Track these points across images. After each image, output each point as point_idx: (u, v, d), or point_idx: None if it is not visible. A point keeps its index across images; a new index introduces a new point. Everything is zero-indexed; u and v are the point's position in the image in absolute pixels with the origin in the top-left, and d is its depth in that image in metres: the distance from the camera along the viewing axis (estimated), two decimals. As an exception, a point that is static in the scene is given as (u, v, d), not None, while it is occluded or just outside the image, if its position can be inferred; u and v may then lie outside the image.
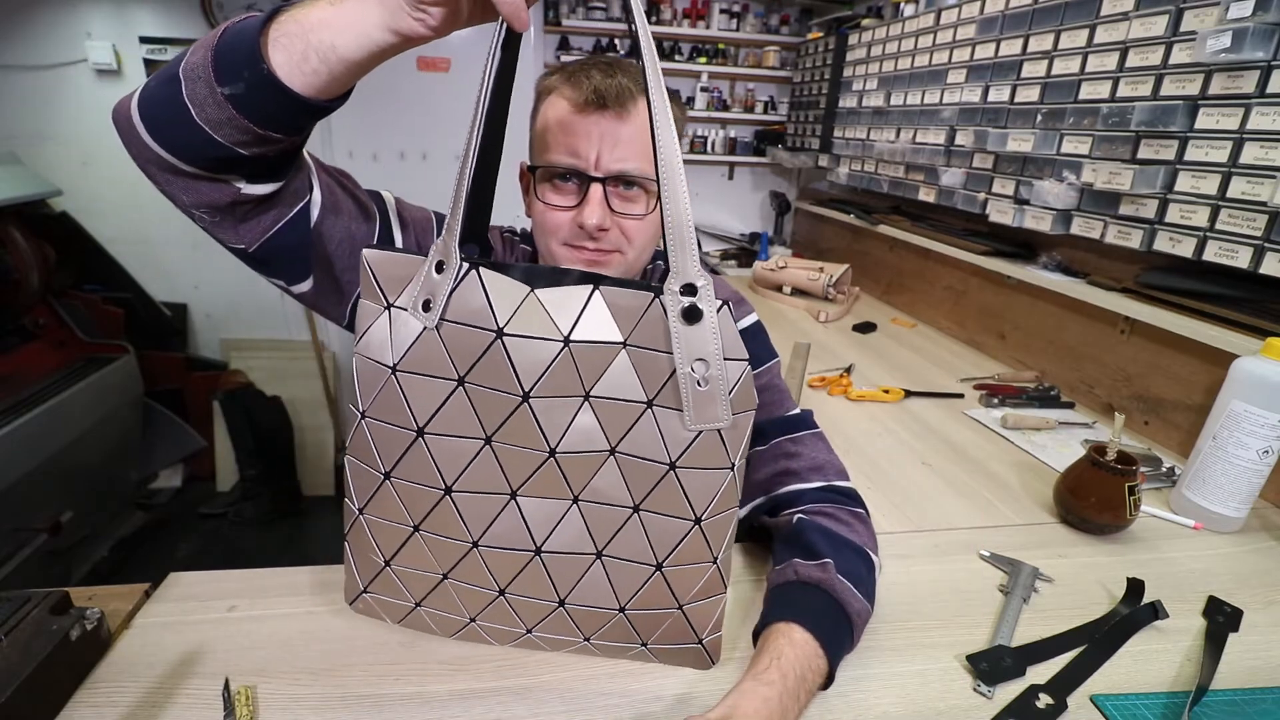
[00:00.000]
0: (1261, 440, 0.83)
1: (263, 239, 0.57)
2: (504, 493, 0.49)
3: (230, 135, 0.46)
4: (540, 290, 0.44)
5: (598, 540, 0.50)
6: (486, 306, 0.43)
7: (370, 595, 0.59)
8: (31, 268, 2.00)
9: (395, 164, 2.62)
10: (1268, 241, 0.94)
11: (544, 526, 0.50)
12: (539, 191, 0.69)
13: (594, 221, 0.65)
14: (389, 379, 0.47)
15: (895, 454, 1.10)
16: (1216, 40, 0.95)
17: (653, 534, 0.49)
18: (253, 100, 0.45)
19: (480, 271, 0.43)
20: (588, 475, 0.48)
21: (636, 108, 0.66)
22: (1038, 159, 1.36)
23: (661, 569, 0.50)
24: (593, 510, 0.49)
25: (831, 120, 2.29)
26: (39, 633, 0.54)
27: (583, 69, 0.66)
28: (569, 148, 0.66)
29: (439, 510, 0.50)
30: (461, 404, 0.46)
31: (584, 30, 2.53)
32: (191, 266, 2.62)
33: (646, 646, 0.55)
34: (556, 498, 0.49)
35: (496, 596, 0.53)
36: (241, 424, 2.48)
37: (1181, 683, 0.62)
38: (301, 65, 0.45)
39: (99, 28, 2.31)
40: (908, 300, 2.01)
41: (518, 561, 0.51)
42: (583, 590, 0.52)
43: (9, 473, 1.70)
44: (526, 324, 0.44)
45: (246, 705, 0.54)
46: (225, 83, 0.44)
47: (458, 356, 0.45)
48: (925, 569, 0.78)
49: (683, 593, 0.52)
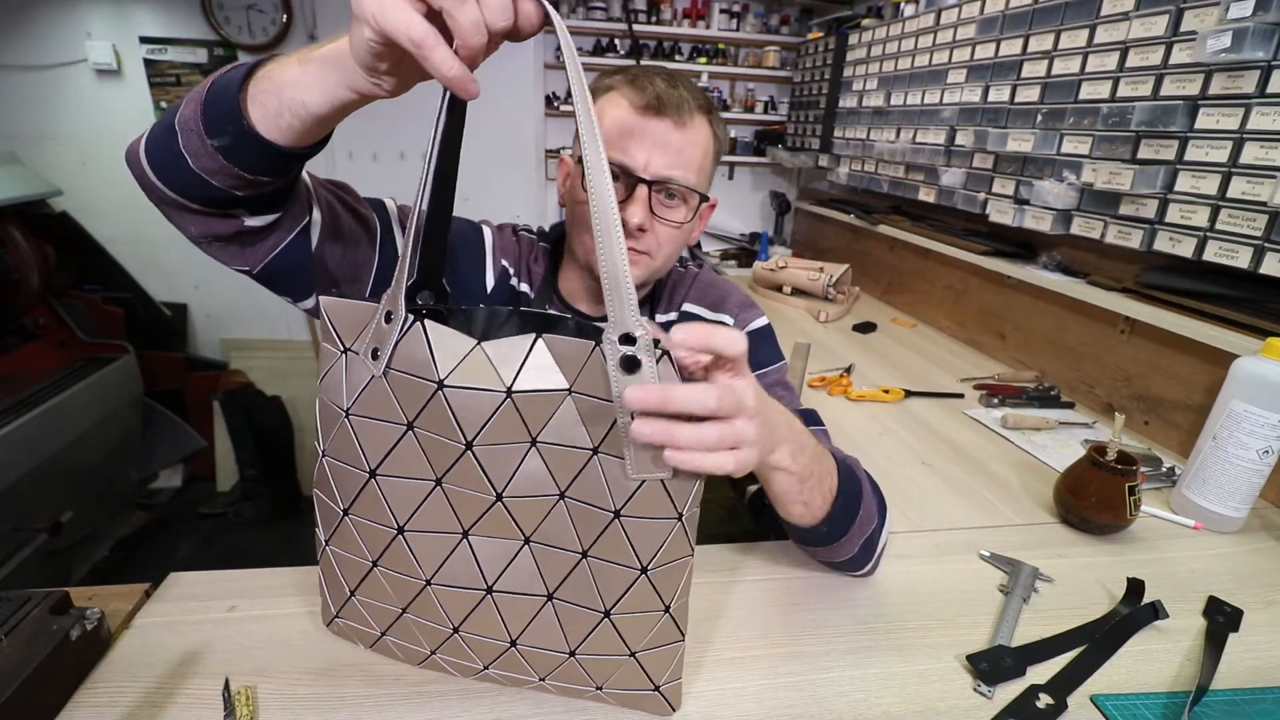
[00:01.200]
0: (1261, 440, 0.83)
1: (264, 261, 0.61)
2: (455, 532, 0.49)
3: (225, 181, 0.50)
4: (486, 344, 0.44)
5: (549, 582, 0.49)
6: (429, 359, 0.44)
7: (341, 620, 0.59)
8: (31, 268, 2.00)
9: (395, 164, 2.62)
10: (1268, 241, 0.94)
11: (495, 566, 0.49)
12: (584, 184, 0.71)
13: (635, 221, 0.68)
14: (343, 421, 0.48)
15: (895, 454, 1.10)
16: (1216, 40, 0.95)
17: (600, 581, 0.48)
18: (240, 150, 0.49)
19: (425, 324, 0.44)
20: (538, 518, 0.48)
21: (693, 121, 0.69)
22: (1038, 159, 1.36)
23: (610, 616, 0.49)
24: (543, 552, 0.49)
25: (831, 120, 2.29)
26: (39, 633, 0.54)
27: (646, 74, 0.70)
28: (622, 147, 0.68)
29: (393, 548, 0.51)
30: (411, 447, 0.47)
31: (584, 30, 2.53)
32: (191, 266, 2.63)
33: (601, 690, 0.53)
34: (507, 538, 0.49)
35: (451, 634, 0.53)
36: (241, 424, 2.48)
37: (1181, 683, 0.62)
38: (277, 120, 0.48)
39: (99, 28, 2.31)
40: (908, 300, 2.01)
41: (470, 600, 0.51)
42: (534, 632, 0.51)
43: (9, 473, 1.70)
44: (469, 376, 0.44)
45: (246, 705, 0.54)
46: (214, 136, 0.48)
47: (405, 403, 0.46)
48: (925, 569, 0.78)
49: (634, 641, 0.50)
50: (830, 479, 0.60)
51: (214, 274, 2.64)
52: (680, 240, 0.75)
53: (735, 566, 0.76)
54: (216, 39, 2.37)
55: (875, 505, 0.67)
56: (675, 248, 0.76)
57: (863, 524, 0.65)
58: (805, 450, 0.56)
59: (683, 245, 0.78)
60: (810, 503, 0.59)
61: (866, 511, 0.65)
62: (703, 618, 0.67)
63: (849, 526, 0.64)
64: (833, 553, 0.67)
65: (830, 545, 0.65)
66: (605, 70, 0.74)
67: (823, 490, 0.59)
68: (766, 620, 0.67)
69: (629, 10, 2.52)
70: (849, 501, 0.63)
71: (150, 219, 2.57)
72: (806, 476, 0.57)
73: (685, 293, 0.86)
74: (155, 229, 2.53)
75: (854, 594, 0.72)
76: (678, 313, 0.85)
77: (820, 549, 0.67)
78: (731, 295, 0.86)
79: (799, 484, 0.57)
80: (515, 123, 2.66)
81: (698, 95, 0.71)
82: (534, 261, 0.84)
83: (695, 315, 0.84)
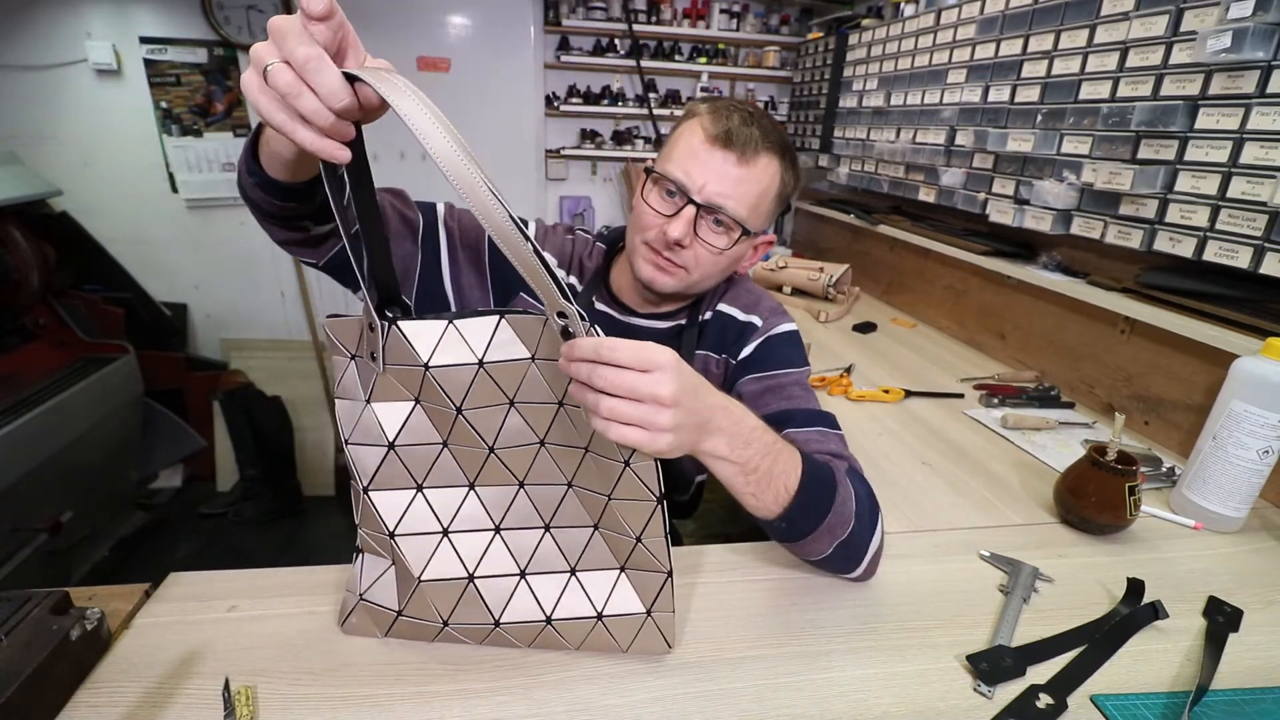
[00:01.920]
0: (1261, 440, 0.83)
1: (326, 258, 0.72)
2: (464, 485, 0.59)
3: (272, 205, 0.63)
4: (458, 320, 0.53)
5: (544, 515, 0.60)
6: (410, 350, 0.54)
7: (366, 602, 0.62)
8: (31, 268, 2.00)
9: (395, 163, 2.62)
10: (1268, 241, 0.94)
11: (499, 508, 0.60)
12: (646, 191, 0.79)
13: (675, 235, 0.75)
14: (364, 409, 0.57)
15: (895, 454, 1.10)
16: (1216, 40, 0.95)
17: (586, 504, 0.59)
18: (268, 186, 0.61)
19: (398, 325, 0.54)
20: (526, 463, 0.58)
21: (757, 159, 0.75)
22: (1038, 159, 1.36)
23: (598, 529, 0.60)
24: (536, 490, 0.59)
25: (831, 120, 2.29)
26: (39, 633, 0.54)
27: (729, 108, 0.76)
28: (685, 169, 0.75)
29: (414, 507, 0.59)
30: (420, 418, 0.57)
31: (584, 30, 2.53)
32: (191, 266, 2.63)
33: (602, 619, 0.60)
34: (505, 484, 0.59)
35: (467, 583, 0.60)
36: (241, 424, 2.48)
37: (1181, 683, 0.62)
38: (272, 164, 0.58)
39: (99, 28, 2.31)
40: (908, 300, 2.01)
41: (482, 541, 0.60)
42: (539, 559, 0.61)
43: (9, 473, 1.70)
44: (448, 354, 0.54)
45: (246, 705, 0.54)
46: (253, 175, 0.61)
47: (406, 386, 0.56)
48: (925, 569, 0.78)
49: (620, 554, 0.60)
50: (787, 478, 0.63)
51: (214, 274, 2.65)
52: (722, 265, 0.80)
53: (735, 566, 0.76)
54: (216, 39, 2.36)
55: (854, 511, 0.67)
56: (716, 270, 0.81)
57: (833, 527, 0.65)
58: (751, 445, 0.60)
59: (726, 270, 0.83)
60: (760, 496, 0.62)
61: (839, 516, 0.65)
62: (703, 618, 0.67)
63: (810, 528, 0.65)
64: (801, 550, 0.69)
65: (795, 542, 0.68)
66: (700, 98, 0.81)
67: (774, 487, 0.62)
68: (766, 620, 0.67)
69: (629, 10, 2.52)
70: (811, 503, 0.64)
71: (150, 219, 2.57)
72: (751, 470, 0.61)
73: (721, 296, 0.91)
74: (155, 229, 2.55)
75: (854, 594, 0.72)
76: (712, 312, 0.90)
77: (788, 545, 0.70)
78: (763, 300, 0.91)
79: (743, 475, 0.61)
80: (515, 123, 2.66)
81: (772, 135, 0.76)
82: (587, 258, 0.91)
83: (727, 314, 0.89)
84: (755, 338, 0.86)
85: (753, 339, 0.86)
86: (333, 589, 0.68)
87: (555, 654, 0.62)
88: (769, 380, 0.82)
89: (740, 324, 0.88)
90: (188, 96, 2.42)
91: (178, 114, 2.44)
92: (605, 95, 2.64)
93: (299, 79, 0.41)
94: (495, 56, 2.57)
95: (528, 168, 2.74)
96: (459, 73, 2.56)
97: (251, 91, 0.43)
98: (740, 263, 0.85)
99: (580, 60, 2.57)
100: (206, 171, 2.51)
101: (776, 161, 0.77)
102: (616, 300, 0.90)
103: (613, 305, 0.89)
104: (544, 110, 2.65)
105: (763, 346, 0.85)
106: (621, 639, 0.61)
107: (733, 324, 0.88)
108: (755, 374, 0.83)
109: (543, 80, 2.63)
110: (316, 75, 0.41)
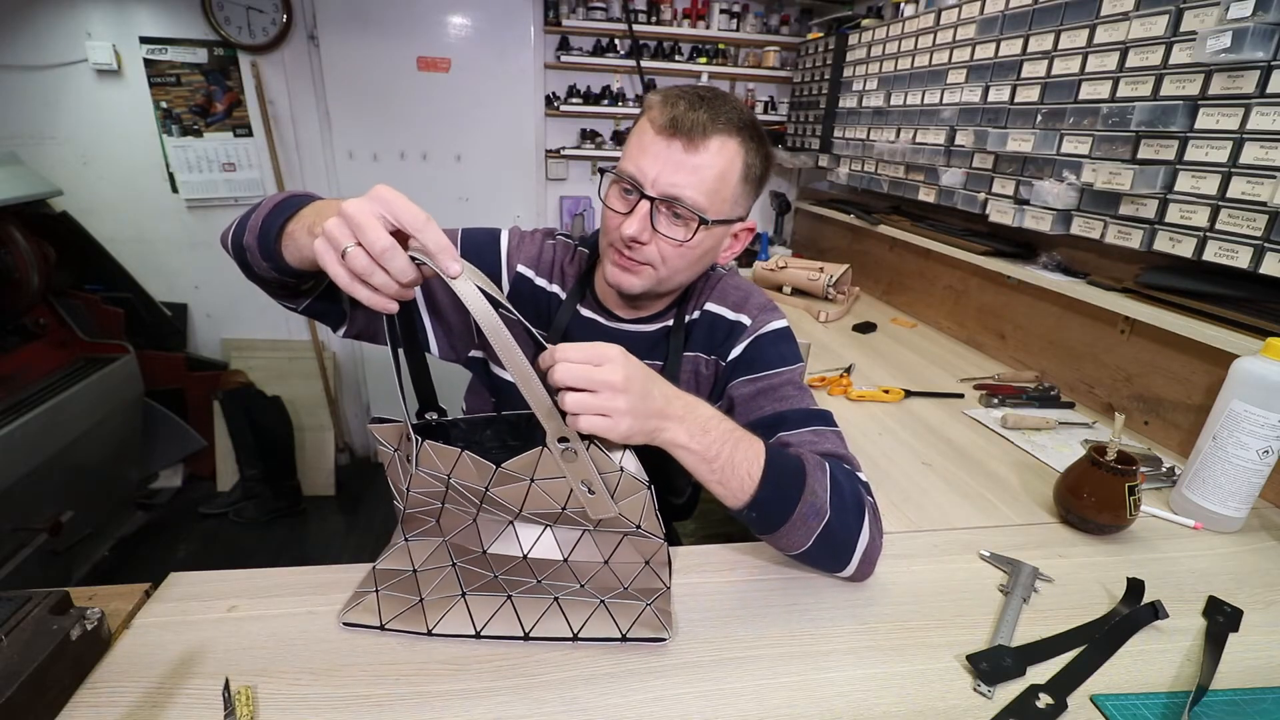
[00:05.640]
0: (1261, 440, 0.83)
1: (304, 304, 0.77)
2: (478, 550, 0.71)
3: (271, 276, 0.68)
4: (466, 452, 0.62)
5: (563, 550, 0.70)
6: (435, 463, 0.64)
7: (383, 592, 0.66)
8: (31, 268, 2.00)
9: (395, 164, 2.62)
10: (1268, 241, 0.94)
11: (528, 543, 0.71)
12: (606, 191, 0.78)
13: (629, 232, 0.73)
14: (407, 493, 0.68)
15: (895, 454, 1.10)
16: (1216, 40, 0.95)
17: (600, 543, 0.70)
18: (281, 269, 0.66)
19: (428, 444, 0.63)
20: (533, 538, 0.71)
21: (708, 143, 0.72)
22: (1038, 159, 1.36)
23: (609, 563, 0.70)
24: (560, 531, 0.70)
25: (831, 120, 2.29)
26: (39, 632, 0.54)
27: (677, 95, 0.73)
28: (637, 164, 0.73)
29: (464, 533, 0.72)
30: (456, 492, 0.67)
31: (584, 30, 2.53)
32: (191, 266, 2.62)
33: (604, 603, 0.66)
34: (538, 525, 0.71)
35: (491, 577, 0.68)
36: (241, 424, 2.48)
37: (1181, 683, 0.62)
38: (299, 261, 0.65)
39: (99, 28, 2.31)
40: (908, 300, 2.01)
41: (509, 561, 0.70)
42: (554, 575, 0.69)
43: (9, 473, 1.70)
44: (464, 474, 0.64)
45: (246, 705, 0.54)
46: (266, 260, 0.66)
47: (436, 478, 0.66)
48: (925, 569, 0.78)
49: (626, 577, 0.69)
50: (750, 465, 0.64)
51: (214, 274, 2.65)
52: (692, 258, 0.77)
53: (735, 566, 0.76)
54: (216, 39, 2.36)
55: (829, 501, 0.66)
56: (686, 264, 0.78)
57: (805, 516, 0.65)
58: (709, 432, 0.64)
59: (699, 262, 0.80)
60: (726, 484, 0.65)
61: (810, 506, 0.65)
62: (703, 617, 0.67)
63: (782, 517, 0.65)
64: (781, 542, 0.69)
65: (772, 533, 0.68)
66: (656, 90, 0.78)
67: (738, 474, 0.64)
68: (766, 620, 0.67)
69: (629, 10, 2.52)
70: (778, 491, 0.65)
71: (150, 219, 2.57)
72: (713, 458, 0.63)
73: (709, 294, 0.89)
74: (155, 229, 2.55)
75: (854, 594, 0.72)
76: (700, 311, 0.88)
77: (768, 539, 0.70)
78: (753, 297, 0.89)
79: (706, 464, 0.64)
80: (515, 123, 2.66)
81: (724, 115, 0.72)
82: (569, 264, 0.89)
83: (716, 314, 0.87)
84: (744, 337, 0.85)
85: (742, 339, 0.85)
86: (333, 589, 0.68)
87: (555, 653, 0.62)
88: (761, 382, 0.82)
89: (729, 323, 0.86)
90: (188, 96, 2.42)
91: (178, 114, 2.43)
92: (605, 95, 2.64)
93: (373, 262, 0.51)
94: (495, 56, 2.57)
95: (528, 168, 2.74)
96: (459, 73, 2.56)
97: (330, 264, 0.52)
98: (717, 253, 0.82)
99: (580, 60, 2.56)
100: (206, 171, 2.51)
101: (733, 141, 0.73)
102: (602, 306, 0.88)
103: (598, 311, 0.88)
104: (544, 110, 2.65)
105: (752, 346, 0.84)
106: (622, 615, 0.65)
107: (721, 323, 0.87)
108: (746, 376, 0.83)
109: (543, 80, 2.63)
110: (390, 262, 0.51)
